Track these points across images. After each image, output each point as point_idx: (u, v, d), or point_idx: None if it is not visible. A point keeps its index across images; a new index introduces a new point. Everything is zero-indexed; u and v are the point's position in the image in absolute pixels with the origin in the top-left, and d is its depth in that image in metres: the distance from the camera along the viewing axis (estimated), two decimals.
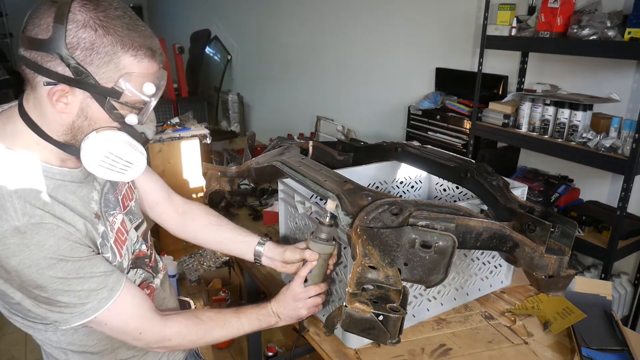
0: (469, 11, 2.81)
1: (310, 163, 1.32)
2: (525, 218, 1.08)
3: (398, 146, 1.60)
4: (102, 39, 0.78)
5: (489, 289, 1.44)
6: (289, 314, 1.14)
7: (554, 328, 1.27)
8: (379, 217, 0.99)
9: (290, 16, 4.78)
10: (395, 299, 0.93)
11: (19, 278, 0.81)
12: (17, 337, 2.65)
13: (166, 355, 1.16)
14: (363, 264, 0.96)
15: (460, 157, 1.47)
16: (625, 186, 1.88)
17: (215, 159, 4.64)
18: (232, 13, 5.98)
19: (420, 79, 3.25)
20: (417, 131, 3.01)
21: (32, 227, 0.79)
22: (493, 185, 1.26)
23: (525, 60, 2.50)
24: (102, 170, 0.86)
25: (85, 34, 0.77)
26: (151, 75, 0.85)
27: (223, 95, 5.98)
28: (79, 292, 0.84)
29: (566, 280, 1.15)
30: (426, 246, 0.94)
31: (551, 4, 2.05)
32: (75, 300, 0.85)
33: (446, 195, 1.67)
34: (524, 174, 2.49)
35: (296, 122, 4.90)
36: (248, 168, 1.52)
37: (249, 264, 1.37)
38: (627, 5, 2.04)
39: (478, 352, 1.19)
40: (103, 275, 0.87)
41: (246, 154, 1.68)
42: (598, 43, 1.94)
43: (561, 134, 2.12)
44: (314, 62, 4.50)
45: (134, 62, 0.82)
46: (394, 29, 3.45)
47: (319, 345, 1.23)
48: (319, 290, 1.15)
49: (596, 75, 2.23)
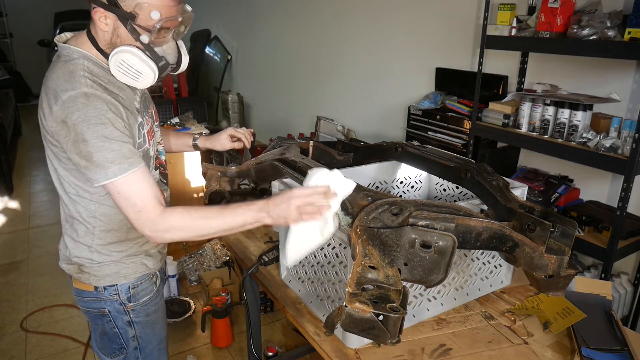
0: (469, 11, 2.81)
1: (311, 163, 1.33)
2: (525, 218, 1.08)
3: (398, 146, 1.60)
4: None
5: (489, 289, 1.44)
6: (278, 212, 1.08)
7: (554, 328, 1.27)
8: (379, 217, 0.99)
9: (290, 16, 4.78)
10: (395, 299, 0.93)
11: (74, 132, 1.07)
12: (17, 337, 2.65)
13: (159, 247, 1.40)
14: (363, 264, 0.96)
15: (460, 157, 1.47)
16: (625, 186, 1.88)
17: (215, 159, 4.63)
18: (232, 13, 5.98)
19: (420, 79, 3.25)
20: (417, 131, 3.01)
21: (95, 95, 1.09)
22: (493, 185, 1.26)
23: (525, 60, 2.50)
24: (119, 73, 1.14)
25: None
26: (165, 7, 1.11)
27: (223, 95, 5.98)
28: (110, 153, 1.08)
29: (566, 280, 1.15)
30: (426, 246, 0.94)
31: (551, 4, 2.05)
32: (103, 161, 1.08)
33: (446, 195, 1.67)
34: (524, 174, 2.49)
35: (296, 122, 4.90)
36: (248, 168, 1.52)
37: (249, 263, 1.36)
38: (627, 5, 2.04)
39: (478, 352, 1.19)
40: (130, 151, 1.12)
41: (246, 154, 1.68)
42: (598, 43, 1.94)
43: (561, 134, 2.12)
44: (314, 62, 4.50)
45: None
46: (394, 29, 3.45)
47: (319, 345, 1.23)
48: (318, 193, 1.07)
49: (596, 75, 2.23)
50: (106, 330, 1.35)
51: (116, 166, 1.09)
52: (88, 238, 1.26)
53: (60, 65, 1.14)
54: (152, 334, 1.42)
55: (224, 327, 2.53)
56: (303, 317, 1.34)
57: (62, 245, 1.33)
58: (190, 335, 2.65)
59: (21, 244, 3.71)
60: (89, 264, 1.28)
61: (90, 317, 1.36)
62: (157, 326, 1.44)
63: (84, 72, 1.11)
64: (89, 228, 1.25)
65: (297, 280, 1.45)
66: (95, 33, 1.16)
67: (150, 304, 1.39)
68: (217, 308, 2.50)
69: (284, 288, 1.48)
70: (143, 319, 1.37)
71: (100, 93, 1.09)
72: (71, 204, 1.24)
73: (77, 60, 1.14)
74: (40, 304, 2.94)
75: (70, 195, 1.23)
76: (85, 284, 1.30)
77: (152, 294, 1.38)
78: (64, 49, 1.17)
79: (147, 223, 1.12)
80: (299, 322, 1.33)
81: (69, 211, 1.26)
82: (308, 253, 1.17)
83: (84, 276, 1.29)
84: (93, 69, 1.14)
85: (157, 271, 1.41)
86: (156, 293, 1.41)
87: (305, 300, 1.39)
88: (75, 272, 1.30)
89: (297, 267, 1.43)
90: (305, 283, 1.41)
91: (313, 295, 1.37)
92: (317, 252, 1.29)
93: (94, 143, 1.07)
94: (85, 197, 1.22)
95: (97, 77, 1.13)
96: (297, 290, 1.44)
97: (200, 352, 2.51)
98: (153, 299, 1.39)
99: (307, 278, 1.38)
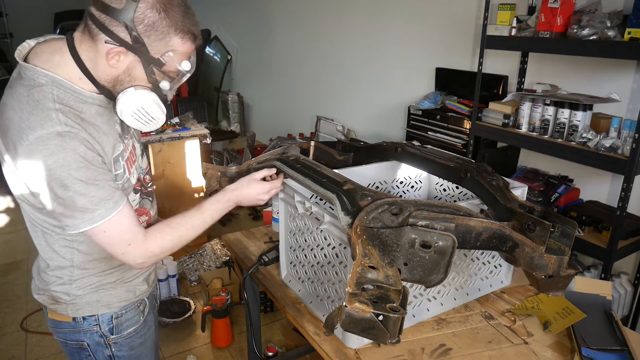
0: (469, 11, 2.81)
1: (310, 163, 1.33)
2: (525, 218, 1.08)
3: (398, 146, 1.60)
4: (162, 20, 0.98)
5: (489, 289, 1.44)
6: (248, 199, 1.26)
7: (554, 328, 1.27)
8: (378, 217, 0.99)
9: (290, 16, 4.78)
10: (395, 299, 0.93)
11: (49, 177, 0.96)
12: (17, 337, 2.65)
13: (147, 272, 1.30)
14: (363, 264, 0.96)
15: (460, 157, 1.47)
16: (625, 186, 1.88)
17: (215, 159, 4.63)
18: (232, 13, 5.98)
19: (420, 79, 3.25)
20: (417, 131, 3.01)
21: (70, 135, 0.96)
22: (493, 185, 1.26)
23: (525, 60, 2.50)
24: (131, 119, 1.06)
25: (150, 14, 0.96)
26: (189, 55, 1.06)
27: (223, 95, 5.98)
28: (92, 197, 0.99)
29: (566, 280, 1.15)
30: (426, 246, 0.94)
31: (551, 4, 2.05)
32: (88, 205, 0.99)
33: (446, 195, 1.67)
34: (524, 174, 2.49)
35: (296, 122, 4.90)
36: (248, 168, 1.52)
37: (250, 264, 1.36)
38: (627, 5, 2.04)
39: (478, 352, 1.19)
40: (112, 188, 1.04)
41: (246, 154, 1.68)
42: (598, 43, 1.94)
43: (561, 134, 2.12)
44: (314, 62, 4.50)
45: (180, 43, 1.02)
46: (394, 28, 3.45)
47: (319, 345, 1.23)
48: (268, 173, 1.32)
49: (596, 75, 2.23)
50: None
51: (102, 209, 1.01)
52: (66, 271, 1.14)
53: (22, 92, 0.97)
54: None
55: (224, 327, 2.53)
56: (303, 317, 1.34)
57: (35, 272, 1.21)
58: (190, 335, 2.65)
59: (21, 244, 3.71)
60: (66, 296, 1.15)
61: (68, 350, 1.23)
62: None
63: (54, 104, 0.96)
64: (66, 258, 1.13)
65: (297, 280, 1.45)
66: (91, 60, 1.02)
67: (135, 336, 1.26)
68: (217, 308, 2.50)
69: (284, 288, 1.48)
70: (127, 353, 1.25)
71: (76, 131, 0.97)
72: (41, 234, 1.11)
73: (45, 87, 0.98)
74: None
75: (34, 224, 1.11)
76: (62, 315, 1.17)
77: (137, 325, 1.26)
78: (26, 69, 0.99)
79: (140, 252, 1.09)
80: (299, 322, 1.33)
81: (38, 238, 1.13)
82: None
83: (60, 307, 1.16)
84: (64, 97, 0.99)
85: (145, 298, 1.29)
86: (143, 324, 1.28)
87: (305, 300, 1.39)
88: (50, 303, 1.17)
89: (297, 267, 1.43)
90: (305, 283, 1.41)
91: (313, 295, 1.37)
92: (317, 252, 1.29)
93: (76, 188, 0.97)
94: (56, 230, 1.09)
95: (71, 106, 0.99)
96: (297, 290, 1.44)
97: (200, 352, 2.51)
98: (139, 330, 1.27)
99: (307, 278, 1.38)
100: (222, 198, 1.23)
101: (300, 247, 1.38)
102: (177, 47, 1.02)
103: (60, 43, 1.04)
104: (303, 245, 1.36)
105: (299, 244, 1.38)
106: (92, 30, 0.99)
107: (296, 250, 1.41)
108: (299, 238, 1.38)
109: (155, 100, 1.06)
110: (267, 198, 1.28)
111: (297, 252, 1.41)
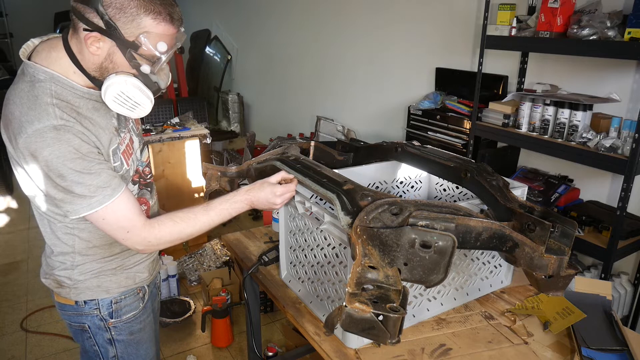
0: (469, 11, 2.81)
1: (310, 163, 1.33)
2: (525, 218, 1.08)
3: (398, 146, 1.60)
4: (130, 2, 0.99)
5: (489, 289, 1.44)
6: (262, 202, 1.24)
7: (554, 328, 1.27)
8: (378, 217, 0.99)
9: (290, 16, 4.78)
10: (395, 299, 0.93)
11: (47, 167, 1.01)
12: (17, 337, 2.65)
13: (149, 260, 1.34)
14: (363, 264, 0.96)
15: (460, 157, 1.47)
16: (625, 186, 1.88)
17: (215, 159, 4.63)
18: (232, 13, 5.98)
19: (420, 79, 3.25)
20: (417, 131, 3.01)
21: (65, 128, 1.00)
22: (493, 185, 1.26)
23: (525, 60, 2.50)
24: (115, 105, 1.07)
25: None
26: (167, 36, 1.05)
27: (223, 95, 5.98)
28: (89, 185, 1.04)
29: (566, 280, 1.15)
30: (426, 246, 0.94)
31: (551, 4, 2.05)
32: (85, 192, 1.04)
33: (446, 195, 1.67)
34: (524, 174, 2.49)
35: (296, 122, 4.90)
36: (248, 168, 1.52)
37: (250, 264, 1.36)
38: (627, 5, 2.04)
39: (478, 352, 1.19)
40: (110, 177, 1.07)
41: (246, 154, 1.68)
42: (598, 43, 1.94)
43: (561, 134, 2.12)
44: (314, 62, 4.50)
45: (153, 24, 1.02)
46: (394, 28, 3.45)
47: (319, 345, 1.23)
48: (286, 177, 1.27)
49: (596, 75, 2.23)
50: (86, 347, 1.29)
51: (100, 195, 1.05)
52: (68, 257, 1.20)
53: (23, 87, 1.04)
54: (136, 356, 1.33)
55: (224, 327, 2.53)
56: (303, 317, 1.34)
57: (43, 257, 1.28)
58: (190, 335, 2.65)
59: (21, 244, 3.71)
60: (68, 280, 1.22)
61: (73, 332, 1.30)
62: (143, 347, 1.35)
63: (51, 99, 1.02)
64: (68, 244, 1.19)
65: (297, 280, 1.45)
66: (79, 52, 1.06)
67: (134, 322, 1.30)
68: (217, 308, 2.50)
69: (284, 288, 1.48)
70: (126, 338, 1.29)
71: (71, 124, 1.01)
72: (47, 223, 1.18)
73: (44, 83, 1.03)
74: (40, 304, 2.93)
75: (40, 213, 1.17)
76: (66, 298, 1.23)
77: (137, 311, 1.30)
78: (28, 67, 1.06)
79: (138, 239, 1.12)
80: (299, 322, 1.33)
81: (44, 226, 1.20)
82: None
83: (63, 290, 1.23)
84: (62, 92, 1.04)
85: (145, 285, 1.33)
86: (142, 310, 1.32)
87: (305, 300, 1.39)
88: (55, 286, 1.24)
89: (297, 267, 1.43)
90: (305, 283, 1.41)
91: (313, 295, 1.37)
92: (317, 252, 1.29)
93: (72, 178, 1.02)
94: (58, 218, 1.15)
95: (68, 101, 1.04)
96: (297, 290, 1.44)
97: (200, 352, 2.51)
98: (139, 316, 1.31)
99: (307, 278, 1.38)
100: (232, 198, 1.22)
101: (300, 247, 1.38)
102: (151, 29, 1.02)
103: (58, 40, 1.09)
104: (303, 245, 1.36)
105: (299, 244, 1.38)
106: (74, 22, 1.03)
107: (296, 250, 1.41)
108: (299, 238, 1.38)
109: (137, 85, 1.06)
110: (279, 202, 1.24)
111: (297, 252, 1.41)
